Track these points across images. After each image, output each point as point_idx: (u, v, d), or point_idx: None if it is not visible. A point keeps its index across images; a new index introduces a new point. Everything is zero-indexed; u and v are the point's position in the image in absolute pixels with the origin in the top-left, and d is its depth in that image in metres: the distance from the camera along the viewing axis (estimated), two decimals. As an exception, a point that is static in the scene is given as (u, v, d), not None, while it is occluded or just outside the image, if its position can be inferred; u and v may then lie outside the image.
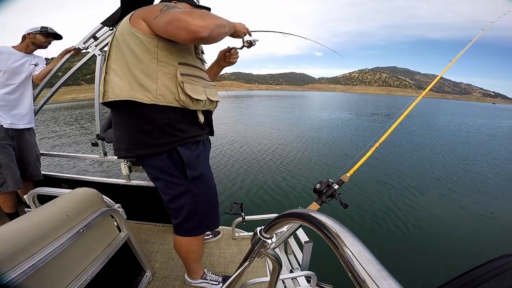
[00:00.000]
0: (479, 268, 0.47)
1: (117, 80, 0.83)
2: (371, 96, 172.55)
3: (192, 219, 1.03)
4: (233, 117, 15.55)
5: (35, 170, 1.85)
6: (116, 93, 0.82)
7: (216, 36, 0.78)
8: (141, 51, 0.81)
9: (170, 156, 0.92)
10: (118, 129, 0.92)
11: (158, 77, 0.83)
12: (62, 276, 0.80)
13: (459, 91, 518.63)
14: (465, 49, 1.53)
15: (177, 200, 0.99)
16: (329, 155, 6.98)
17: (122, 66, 0.83)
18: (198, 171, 0.97)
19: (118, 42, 0.84)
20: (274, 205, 3.83)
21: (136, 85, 0.82)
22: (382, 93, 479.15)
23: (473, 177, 5.59)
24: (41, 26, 1.70)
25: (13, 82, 1.65)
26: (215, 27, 0.75)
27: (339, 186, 1.09)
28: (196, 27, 0.71)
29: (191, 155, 0.94)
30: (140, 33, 0.81)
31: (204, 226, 1.08)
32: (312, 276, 1.24)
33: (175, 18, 0.74)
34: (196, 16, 0.73)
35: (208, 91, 0.96)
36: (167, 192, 0.99)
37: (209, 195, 1.04)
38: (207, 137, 1.09)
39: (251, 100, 40.15)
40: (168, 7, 0.80)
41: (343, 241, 0.28)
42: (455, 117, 24.06)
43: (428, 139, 10.23)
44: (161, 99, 0.83)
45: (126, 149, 0.91)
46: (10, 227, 0.71)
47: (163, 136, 0.88)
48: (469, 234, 3.29)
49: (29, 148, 1.80)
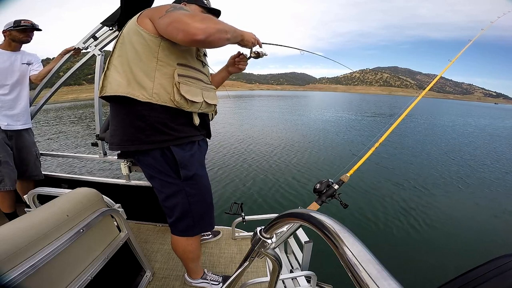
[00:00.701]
0: (479, 268, 0.47)
1: (116, 75, 0.85)
2: (373, 96, 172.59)
3: (186, 219, 1.03)
4: (233, 118, 15.56)
5: (35, 170, 1.84)
6: (114, 88, 0.84)
7: (215, 41, 0.77)
8: (143, 49, 0.83)
9: (164, 155, 0.93)
10: (113, 123, 0.94)
11: (155, 76, 0.84)
12: (62, 276, 0.80)
13: (461, 91, 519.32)
14: (464, 48, 1.53)
15: (171, 199, 1.00)
16: (329, 155, 6.98)
17: (123, 62, 0.85)
18: (191, 171, 0.97)
19: (124, 40, 0.86)
20: (274, 205, 3.83)
21: (133, 82, 0.83)
22: (384, 93, 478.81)
23: (473, 177, 5.59)
24: (14, 20, 1.62)
25: (7, 83, 1.63)
26: (215, 31, 0.74)
27: (339, 186, 1.09)
28: (194, 29, 0.71)
29: (184, 155, 0.94)
30: (144, 32, 0.83)
31: (198, 227, 1.08)
32: (312, 276, 1.24)
33: (176, 19, 0.75)
34: (197, 19, 0.73)
35: (206, 94, 0.96)
36: (162, 190, 1.00)
37: (203, 196, 1.04)
38: (203, 138, 1.09)
39: (252, 100, 40.17)
40: (175, 8, 0.81)
41: (343, 241, 0.28)
42: (459, 117, 23.77)
43: (428, 140, 10.24)
44: (156, 97, 0.84)
45: (118, 144, 0.92)
46: (10, 227, 0.71)
47: (156, 134, 0.89)
48: (469, 234, 3.29)
49: (28, 148, 1.78)
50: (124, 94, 0.83)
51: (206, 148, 1.15)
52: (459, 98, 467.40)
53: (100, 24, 1.57)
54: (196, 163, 0.99)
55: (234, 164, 5.81)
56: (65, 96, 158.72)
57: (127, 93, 0.83)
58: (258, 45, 1.00)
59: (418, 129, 13.48)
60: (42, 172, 1.89)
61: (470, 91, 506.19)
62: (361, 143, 8.60)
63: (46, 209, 0.82)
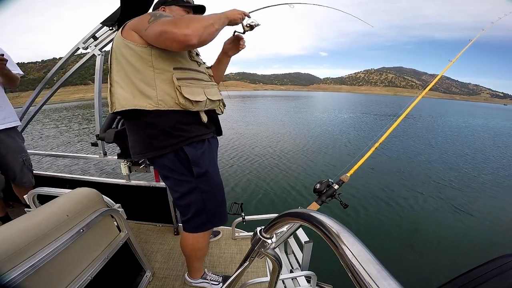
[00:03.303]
0: (480, 268, 0.47)
1: (120, 91, 0.89)
2: (378, 97, 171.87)
3: (201, 215, 1.06)
4: (233, 118, 15.56)
5: (24, 177, 1.68)
6: (122, 103, 0.88)
7: (207, 38, 0.79)
8: (137, 61, 0.86)
9: (177, 155, 0.96)
10: (131, 135, 0.99)
11: (156, 84, 0.87)
12: (62, 276, 0.80)
13: (467, 92, 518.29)
14: (464, 48, 1.53)
15: (186, 197, 1.02)
16: (329, 155, 6.98)
17: (123, 77, 0.88)
18: (203, 168, 1.00)
19: (116, 55, 0.89)
20: (274, 205, 3.83)
21: (138, 94, 0.87)
22: (389, 93, 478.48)
23: (473, 177, 5.59)
24: None
25: None
26: (202, 30, 0.76)
27: (339, 186, 1.10)
28: (183, 36, 0.74)
29: (196, 152, 0.97)
30: (133, 44, 0.85)
31: (211, 222, 1.10)
32: (312, 276, 1.24)
33: (162, 30, 0.76)
34: (181, 25, 0.74)
35: (208, 91, 0.98)
36: (176, 190, 1.03)
37: (215, 192, 1.06)
38: (213, 135, 1.11)
39: (255, 101, 40.10)
40: (156, 17, 0.82)
41: (343, 241, 0.28)
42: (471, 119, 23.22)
43: (429, 140, 10.23)
44: (163, 104, 0.88)
45: (139, 153, 0.98)
46: (10, 227, 0.71)
47: (168, 138, 0.92)
48: (469, 234, 3.29)
49: (12, 154, 1.60)
50: (132, 107, 0.87)
51: (217, 145, 1.16)
52: (465, 98, 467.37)
53: (100, 24, 1.57)
54: (207, 160, 1.01)
55: (234, 164, 5.82)
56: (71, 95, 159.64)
57: (134, 105, 0.87)
58: (246, 17, 0.99)
59: (419, 129, 13.47)
60: (32, 179, 1.74)
61: (477, 92, 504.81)
62: (361, 143, 8.61)
63: (46, 209, 0.82)
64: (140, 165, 1.58)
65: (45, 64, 44.54)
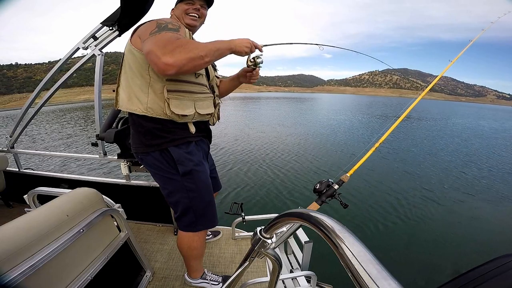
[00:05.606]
0: (480, 268, 0.47)
1: (121, 92, 0.97)
2: (382, 98, 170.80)
3: (188, 214, 1.08)
4: (234, 118, 15.55)
5: None
6: (120, 103, 0.98)
7: (189, 70, 0.78)
8: (136, 67, 0.90)
9: (163, 154, 1.00)
10: (131, 129, 1.07)
11: (149, 91, 0.91)
12: (62, 276, 0.80)
13: (473, 94, 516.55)
14: (465, 49, 1.53)
15: (173, 195, 1.06)
16: (329, 155, 6.98)
17: (125, 80, 0.94)
18: (188, 167, 1.02)
19: (124, 58, 0.94)
20: (274, 205, 3.83)
21: (133, 97, 0.93)
22: (393, 95, 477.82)
23: (473, 177, 5.58)
24: None
25: None
26: (186, 62, 0.74)
27: (339, 186, 1.09)
28: (163, 65, 0.73)
29: (180, 152, 1.01)
30: (135, 50, 0.88)
31: (200, 223, 1.11)
32: (312, 276, 1.24)
33: (150, 50, 0.76)
34: (166, 51, 0.73)
35: (199, 104, 1.00)
36: (165, 186, 1.07)
37: (202, 191, 1.08)
38: (201, 139, 1.12)
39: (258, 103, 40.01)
40: (159, 28, 0.81)
41: (343, 241, 0.28)
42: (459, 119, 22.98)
43: (429, 141, 10.23)
44: (151, 111, 0.92)
45: (134, 147, 1.05)
46: (10, 227, 0.71)
47: (155, 138, 0.98)
48: (469, 234, 3.28)
49: None
50: (126, 110, 0.96)
51: (207, 148, 1.18)
52: (471, 100, 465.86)
53: (100, 24, 1.57)
54: (192, 160, 1.03)
55: (234, 164, 5.82)
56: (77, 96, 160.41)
57: (127, 108, 0.95)
58: (259, 50, 0.97)
59: (417, 130, 13.47)
60: None
61: (483, 94, 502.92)
62: (361, 143, 8.61)
63: (46, 209, 0.82)
64: (140, 165, 1.58)
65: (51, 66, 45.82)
